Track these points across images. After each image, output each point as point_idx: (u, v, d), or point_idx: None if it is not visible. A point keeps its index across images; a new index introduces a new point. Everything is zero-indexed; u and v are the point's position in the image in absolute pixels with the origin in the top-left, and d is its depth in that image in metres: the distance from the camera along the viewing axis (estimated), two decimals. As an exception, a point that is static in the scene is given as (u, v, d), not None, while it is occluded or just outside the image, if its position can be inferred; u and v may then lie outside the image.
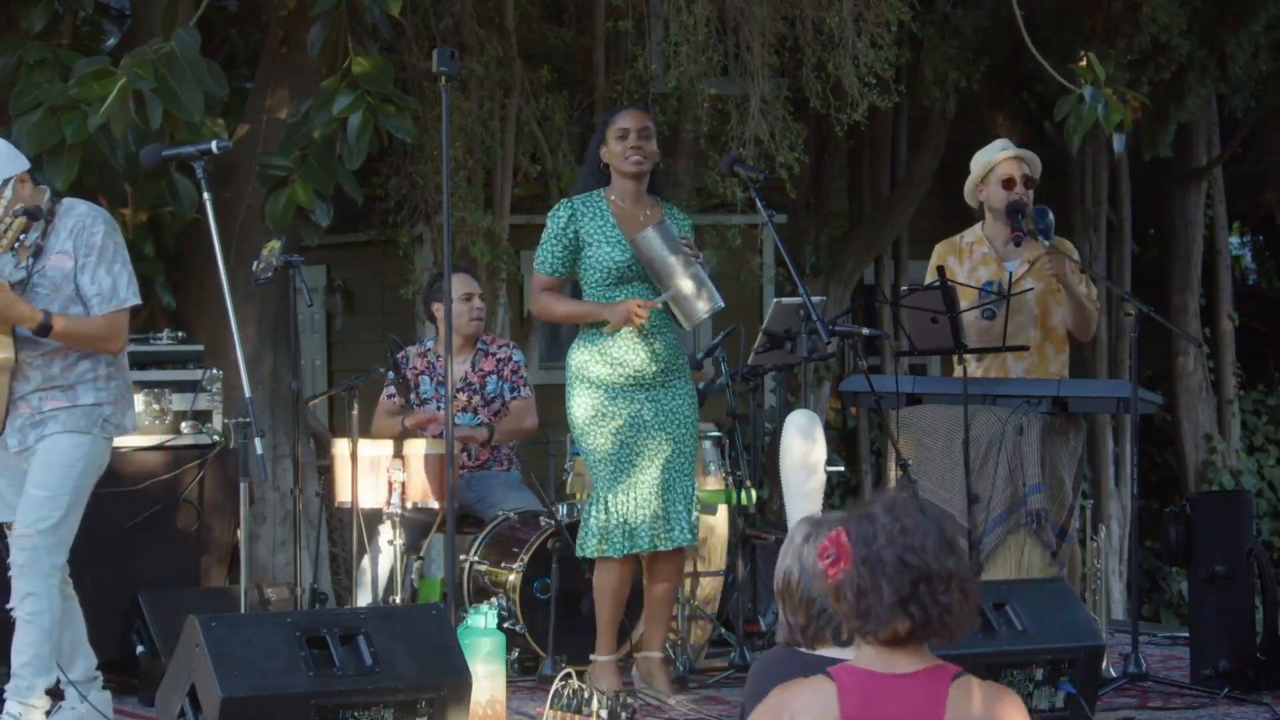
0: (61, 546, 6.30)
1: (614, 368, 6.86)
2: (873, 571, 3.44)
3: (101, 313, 6.32)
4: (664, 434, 6.87)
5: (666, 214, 6.98)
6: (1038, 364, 7.50)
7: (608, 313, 6.80)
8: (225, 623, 5.63)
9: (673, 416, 6.90)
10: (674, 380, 6.95)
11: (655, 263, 6.78)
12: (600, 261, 6.87)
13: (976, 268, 7.54)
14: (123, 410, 6.47)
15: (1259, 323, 17.56)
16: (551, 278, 6.94)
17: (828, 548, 3.51)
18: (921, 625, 3.44)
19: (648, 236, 6.76)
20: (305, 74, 9.48)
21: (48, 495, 6.26)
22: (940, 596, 3.43)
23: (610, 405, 6.84)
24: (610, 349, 6.86)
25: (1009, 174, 7.52)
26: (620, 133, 6.92)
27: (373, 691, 5.60)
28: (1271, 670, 7.25)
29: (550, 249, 6.91)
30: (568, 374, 6.98)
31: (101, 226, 6.36)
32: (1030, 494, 7.18)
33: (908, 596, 3.43)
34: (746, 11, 11.64)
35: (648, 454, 6.85)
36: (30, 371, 6.33)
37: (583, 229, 6.88)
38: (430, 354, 8.43)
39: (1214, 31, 13.97)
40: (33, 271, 6.33)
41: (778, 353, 7.23)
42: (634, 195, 6.96)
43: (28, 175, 6.37)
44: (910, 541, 3.45)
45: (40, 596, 6.24)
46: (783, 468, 6.87)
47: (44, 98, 8.58)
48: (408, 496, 7.67)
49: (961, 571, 3.48)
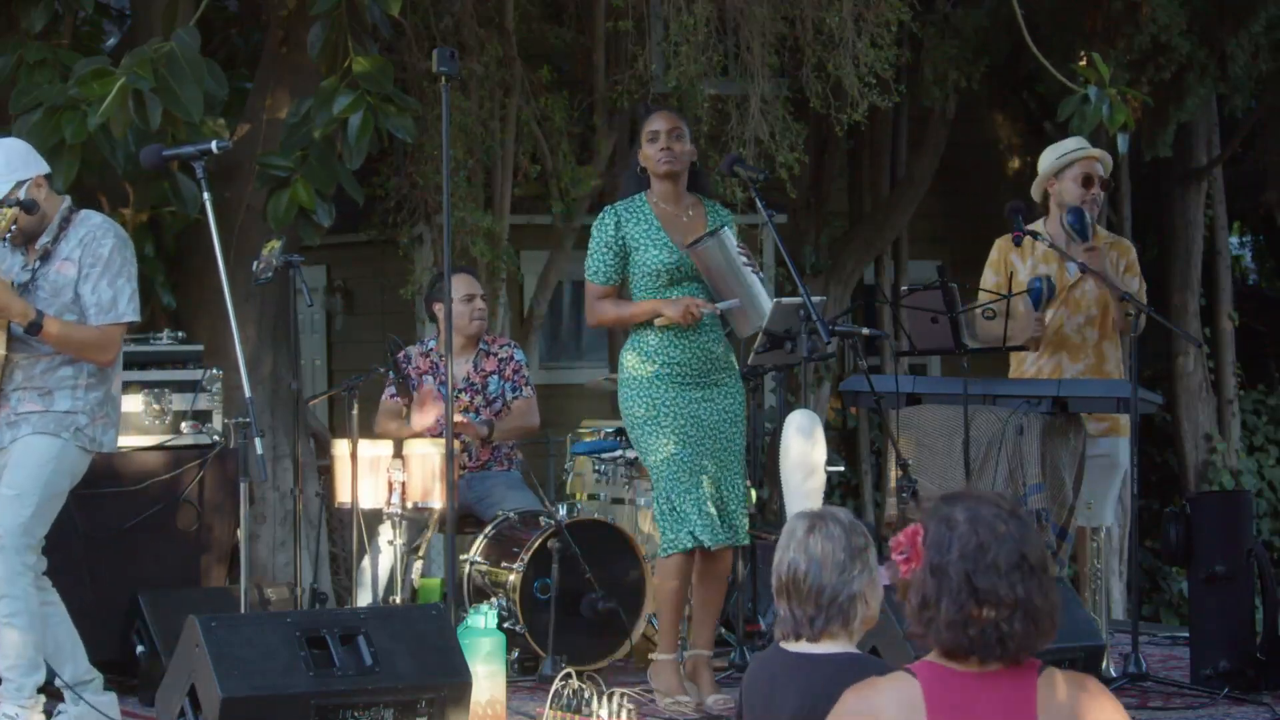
0: (31, 547, 6.28)
1: (668, 367, 6.88)
2: (939, 583, 3.35)
3: (97, 324, 6.32)
4: (719, 432, 6.91)
5: (709, 212, 7.03)
6: (1095, 364, 7.50)
7: (666, 307, 6.83)
8: (225, 623, 5.63)
9: (726, 415, 6.94)
10: (725, 379, 6.99)
11: (715, 274, 6.83)
12: (649, 265, 6.90)
13: (1038, 264, 7.53)
14: (101, 426, 6.43)
15: (1259, 323, 17.56)
16: (606, 286, 6.95)
17: (902, 543, 3.43)
18: (980, 647, 3.34)
19: (708, 247, 6.80)
20: (305, 74, 9.48)
21: (15, 494, 6.26)
22: (1002, 624, 3.32)
23: (668, 405, 6.87)
24: (663, 350, 6.89)
25: (1087, 172, 7.50)
26: (651, 135, 6.98)
27: (373, 691, 5.60)
28: (1271, 670, 7.25)
29: (601, 258, 6.94)
30: (621, 376, 7.00)
31: (112, 240, 6.38)
32: (1030, 494, 7.18)
33: (970, 618, 3.32)
34: (746, 11, 11.63)
35: (707, 451, 6.87)
36: (14, 370, 6.34)
37: (628, 234, 6.92)
38: (433, 354, 8.43)
39: (1214, 31, 13.96)
40: (37, 274, 6.34)
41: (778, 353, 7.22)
42: (673, 195, 7.00)
43: (44, 180, 6.37)
44: (983, 559, 3.32)
45: (14, 598, 6.23)
46: (783, 468, 6.86)
47: (44, 98, 8.58)
48: (408, 496, 7.67)
49: (1034, 598, 3.33)
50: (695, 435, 6.87)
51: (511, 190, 12.29)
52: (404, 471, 7.66)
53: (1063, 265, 7.49)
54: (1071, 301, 7.47)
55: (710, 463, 6.88)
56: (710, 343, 6.95)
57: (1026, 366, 7.51)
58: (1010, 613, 3.32)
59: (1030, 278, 7.46)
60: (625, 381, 6.96)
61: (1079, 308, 7.43)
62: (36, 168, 6.35)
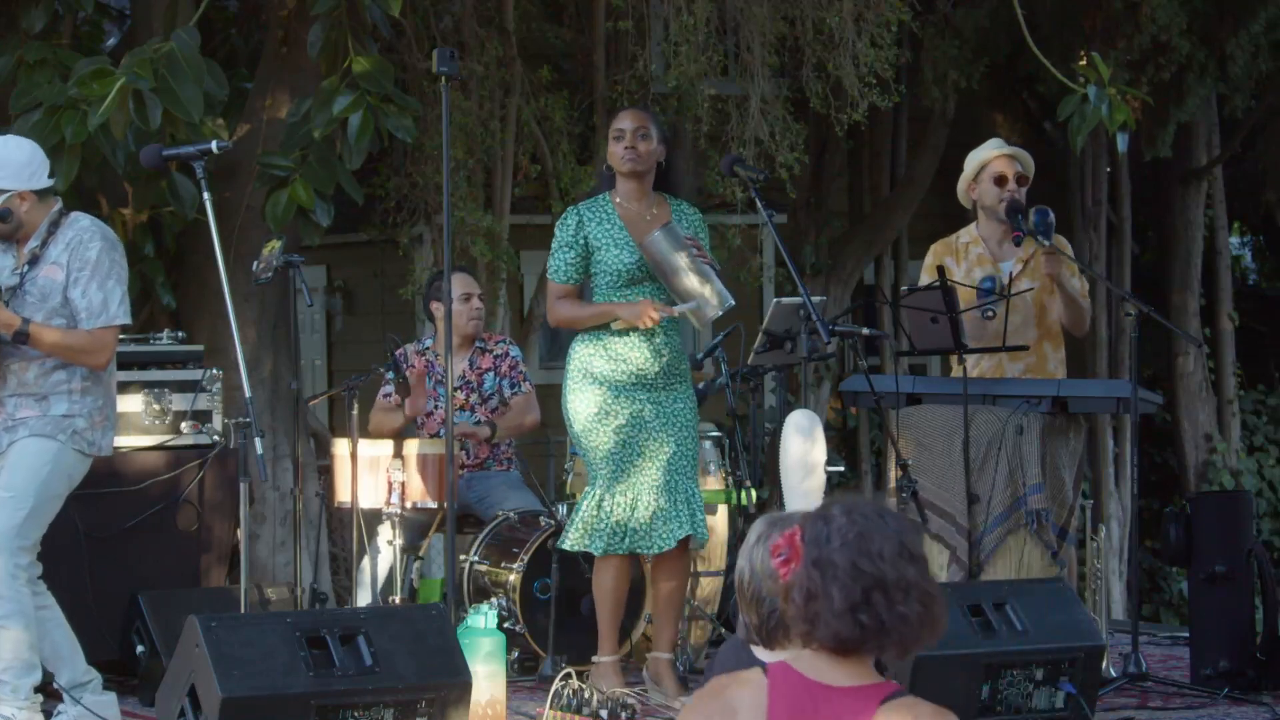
0: (25, 549, 6.28)
1: (616, 365, 6.86)
2: (824, 575, 3.28)
3: (88, 328, 6.31)
4: (665, 434, 6.86)
5: (675, 211, 6.97)
6: (1036, 363, 7.51)
7: (622, 310, 6.80)
8: (225, 623, 5.63)
9: (674, 418, 6.90)
10: (675, 382, 6.95)
11: (663, 265, 6.77)
12: (609, 265, 6.87)
13: (972, 268, 7.54)
14: (99, 429, 6.43)
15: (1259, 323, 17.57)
16: (566, 285, 6.93)
17: (781, 546, 3.36)
18: (873, 634, 3.28)
19: (654, 239, 6.76)
20: (305, 74, 9.48)
21: (10, 496, 6.26)
22: (897, 606, 3.27)
23: (613, 403, 6.84)
24: (614, 347, 6.86)
25: (1000, 171, 7.52)
26: (616, 134, 6.93)
27: (373, 691, 5.59)
28: (1271, 670, 7.25)
29: (563, 257, 6.91)
30: (568, 369, 6.97)
31: (99, 242, 6.35)
32: (1030, 494, 7.18)
33: (859, 604, 3.26)
34: (746, 11, 11.64)
35: (648, 454, 6.84)
36: (7, 376, 6.33)
37: (591, 234, 6.89)
38: (429, 353, 8.44)
39: (1214, 31, 13.98)
40: (25, 279, 6.33)
41: (778, 353, 7.23)
42: (638, 195, 6.96)
43: (32, 195, 6.35)
44: (866, 546, 3.28)
45: (8, 599, 6.22)
46: (783, 468, 6.86)
47: (44, 98, 8.58)
48: (407, 496, 7.67)
49: (922, 583, 3.31)
50: (637, 437, 6.84)
51: (511, 190, 12.29)
52: (404, 471, 7.66)
53: (997, 266, 7.51)
54: (1012, 301, 7.46)
55: (652, 465, 6.84)
56: (664, 346, 6.91)
57: (970, 367, 7.48)
58: (903, 594, 3.28)
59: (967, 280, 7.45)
60: (571, 375, 6.94)
61: (1016, 308, 7.42)
62: (28, 182, 6.33)
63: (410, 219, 12.26)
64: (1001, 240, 7.51)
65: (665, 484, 6.84)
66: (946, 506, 7.22)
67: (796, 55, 11.97)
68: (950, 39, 13.64)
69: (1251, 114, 15.61)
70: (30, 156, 6.39)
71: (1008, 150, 7.59)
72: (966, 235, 7.62)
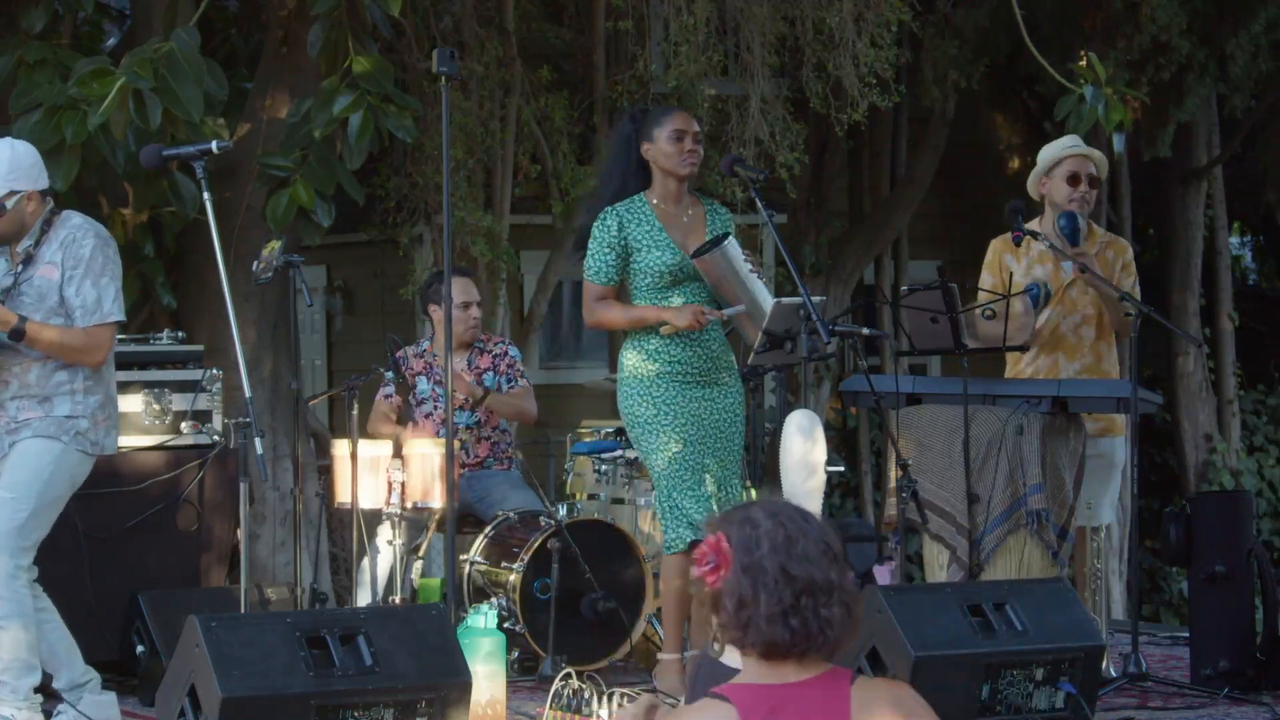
0: (25, 550, 6.27)
1: (666, 365, 6.88)
2: (754, 580, 3.30)
3: (83, 326, 6.31)
4: (719, 431, 6.91)
5: (708, 211, 7.01)
6: (1093, 363, 7.50)
7: (673, 316, 6.81)
8: (225, 623, 5.63)
9: (727, 414, 6.94)
10: (725, 378, 6.99)
11: (721, 283, 6.83)
12: (651, 266, 6.88)
13: (1033, 265, 7.52)
14: (103, 428, 6.43)
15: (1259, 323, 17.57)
16: (606, 286, 6.94)
17: (707, 554, 3.37)
18: (802, 638, 3.30)
19: (714, 257, 6.79)
20: (305, 74, 9.49)
21: (12, 497, 6.25)
22: (822, 609, 3.30)
23: (670, 404, 6.87)
24: (664, 349, 6.88)
25: (1075, 170, 7.48)
26: (676, 134, 6.93)
27: (373, 691, 5.59)
28: (1271, 670, 7.25)
29: (603, 258, 6.91)
30: (620, 374, 6.99)
31: (92, 240, 6.35)
32: (1030, 494, 7.18)
33: (790, 608, 3.29)
34: (746, 11, 11.64)
35: (708, 451, 6.87)
36: (8, 378, 6.33)
37: (631, 235, 6.90)
38: (427, 354, 8.44)
39: (1214, 31, 13.98)
40: (20, 279, 6.32)
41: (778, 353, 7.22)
42: (676, 196, 6.99)
43: (37, 195, 6.35)
44: (794, 550, 3.30)
45: (7, 600, 6.22)
46: (783, 468, 6.86)
47: (44, 98, 8.58)
48: (408, 496, 7.67)
49: (845, 584, 3.33)
50: (697, 435, 6.87)
51: (511, 190, 12.30)
52: (404, 471, 7.66)
53: (1059, 264, 7.49)
54: (1068, 300, 7.47)
55: (712, 461, 6.88)
56: (711, 342, 6.95)
57: (1023, 366, 7.51)
58: (828, 598, 3.31)
59: (1026, 278, 7.46)
60: (626, 381, 6.96)
61: (1075, 307, 7.42)
62: (37, 182, 6.33)
63: (410, 219, 12.26)
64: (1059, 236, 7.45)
65: (720, 481, 6.88)
66: (946, 506, 7.21)
67: (796, 55, 11.98)
68: (950, 39, 13.64)
69: (1251, 114, 15.61)
70: (36, 157, 6.42)
71: (1084, 150, 7.55)
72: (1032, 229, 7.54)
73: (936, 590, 6.56)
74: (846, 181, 15.21)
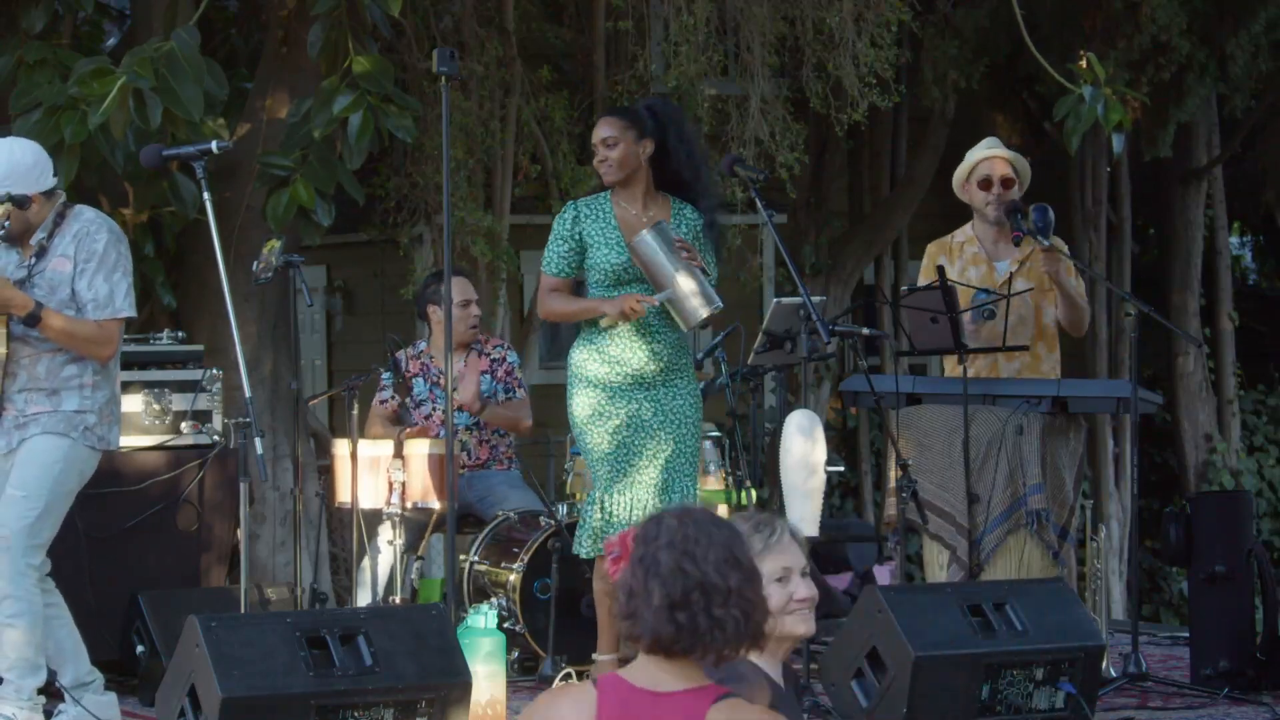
0: (37, 548, 6.28)
1: (613, 366, 6.85)
2: (646, 571, 3.30)
3: (96, 319, 6.32)
4: (664, 433, 6.86)
5: (675, 213, 6.95)
6: (1030, 364, 7.49)
7: (605, 305, 6.80)
8: (225, 623, 5.63)
9: (673, 416, 6.89)
10: (676, 379, 6.93)
11: (650, 266, 6.76)
12: (599, 263, 6.87)
13: (966, 268, 7.54)
14: (107, 424, 6.44)
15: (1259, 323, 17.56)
16: (557, 278, 6.93)
17: (614, 545, 3.39)
18: (688, 635, 3.28)
19: (643, 239, 6.75)
20: (305, 74, 9.48)
21: (23, 495, 6.26)
22: (714, 609, 3.27)
23: (609, 404, 6.83)
24: (609, 348, 6.86)
25: (986, 174, 7.51)
26: (593, 146, 6.95)
27: (373, 691, 5.59)
28: (1271, 670, 7.25)
29: (556, 250, 6.91)
30: (568, 373, 6.97)
31: (105, 235, 6.36)
32: (1030, 494, 7.18)
33: (678, 603, 3.27)
34: (746, 11, 11.64)
35: (646, 454, 6.83)
36: (17, 370, 6.33)
37: (586, 231, 6.88)
38: (424, 356, 8.44)
39: (1214, 31, 13.97)
40: (33, 271, 6.34)
41: (778, 353, 7.23)
42: (633, 197, 6.95)
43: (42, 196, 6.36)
44: (691, 548, 3.29)
45: (17, 599, 6.22)
46: (783, 468, 6.86)
47: (44, 98, 8.58)
48: (408, 496, 7.67)
49: (746, 592, 3.30)
50: (634, 438, 6.83)
51: (511, 190, 12.29)
52: (404, 471, 7.66)
53: (991, 266, 7.51)
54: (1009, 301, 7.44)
55: (651, 465, 6.84)
56: (661, 343, 6.89)
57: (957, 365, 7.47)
58: (724, 599, 3.28)
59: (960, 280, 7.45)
60: (570, 379, 6.95)
61: (1011, 307, 7.41)
62: (36, 185, 6.34)
63: (410, 219, 12.25)
64: (996, 240, 7.51)
65: (663, 484, 6.83)
66: (946, 506, 7.21)
67: (796, 55, 11.97)
68: (950, 39, 13.63)
69: (1251, 114, 15.60)
70: (35, 158, 6.40)
71: (999, 152, 7.56)
72: (962, 234, 7.62)
73: (936, 590, 6.56)
74: (846, 181, 15.20)
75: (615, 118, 6.96)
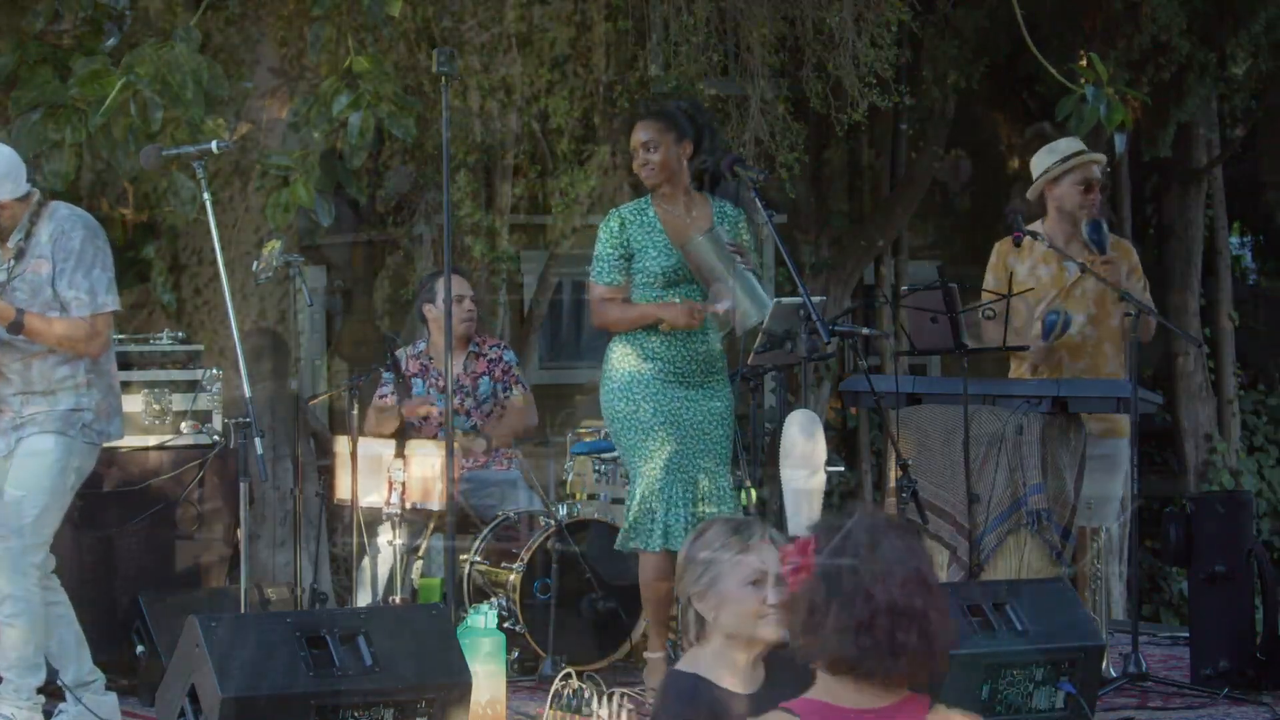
0: (38, 546, 6.28)
1: (654, 363, 6.88)
2: (829, 588, 3.16)
3: (81, 317, 6.31)
4: (700, 432, 6.89)
5: (716, 213, 6.99)
6: (1096, 364, 7.49)
7: (665, 312, 6.83)
8: (225, 623, 5.63)
9: (710, 416, 6.93)
10: (712, 380, 6.98)
11: (704, 270, 6.83)
12: (648, 268, 6.91)
13: (1037, 265, 7.52)
14: (107, 417, 6.44)
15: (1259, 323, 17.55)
16: (610, 288, 6.95)
17: (792, 553, 3.25)
18: (871, 658, 3.15)
19: (697, 244, 6.79)
20: (305, 74, 9.48)
21: (23, 494, 6.26)
22: (897, 633, 3.13)
23: (650, 403, 6.86)
24: (650, 345, 6.88)
25: (1087, 178, 7.49)
26: (633, 150, 6.97)
27: (373, 691, 5.59)
28: (1271, 670, 7.25)
29: (606, 259, 6.94)
30: (605, 368, 6.99)
31: (80, 231, 6.34)
32: (1030, 494, 7.18)
33: (862, 624, 3.13)
34: (746, 11, 11.63)
35: (684, 452, 6.86)
36: (10, 375, 6.33)
37: (632, 237, 6.91)
38: (423, 356, 8.43)
39: (1214, 31, 13.96)
40: (13, 274, 6.32)
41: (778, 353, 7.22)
42: (674, 199, 6.99)
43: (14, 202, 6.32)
44: (878, 568, 3.15)
45: (17, 598, 6.22)
46: (783, 468, 6.86)
47: (44, 98, 8.57)
48: (408, 496, 7.67)
49: (930, 614, 3.16)
50: (675, 435, 6.85)
51: (511, 190, 12.29)
52: (404, 471, 7.65)
53: (1061, 265, 7.50)
54: (1071, 300, 7.47)
55: (690, 464, 6.85)
56: (704, 344, 6.93)
57: (1026, 368, 7.51)
58: (908, 622, 3.14)
59: (1030, 278, 7.45)
60: (608, 375, 6.96)
61: (1079, 307, 7.42)
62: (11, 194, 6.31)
63: (410, 219, 12.25)
64: (1068, 240, 7.48)
65: (698, 483, 6.87)
66: (946, 506, 7.22)
67: (796, 55, 11.96)
68: (950, 39, 13.63)
69: (1251, 114, 15.60)
70: (10, 164, 6.33)
71: (1092, 155, 7.55)
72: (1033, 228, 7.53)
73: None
74: (846, 181, 15.19)
75: (654, 120, 7.00)
